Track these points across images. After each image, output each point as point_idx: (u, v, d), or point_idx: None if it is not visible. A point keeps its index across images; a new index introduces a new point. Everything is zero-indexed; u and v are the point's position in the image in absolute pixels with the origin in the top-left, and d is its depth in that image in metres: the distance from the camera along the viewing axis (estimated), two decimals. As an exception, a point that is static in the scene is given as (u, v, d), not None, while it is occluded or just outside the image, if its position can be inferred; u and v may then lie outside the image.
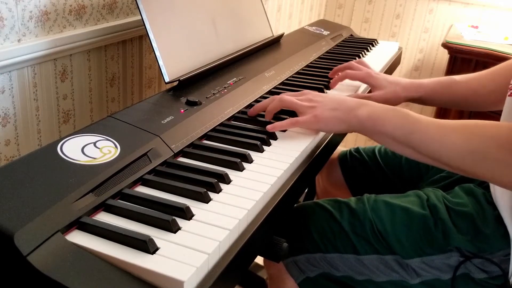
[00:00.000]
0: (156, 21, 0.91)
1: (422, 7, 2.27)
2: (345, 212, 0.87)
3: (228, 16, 1.14)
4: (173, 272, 0.48)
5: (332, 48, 1.42)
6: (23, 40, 0.88)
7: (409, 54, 2.35)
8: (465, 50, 1.83)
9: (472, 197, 0.85)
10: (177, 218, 0.57)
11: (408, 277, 0.82)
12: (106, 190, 0.60)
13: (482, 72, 1.02)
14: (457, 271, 0.79)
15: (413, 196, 0.88)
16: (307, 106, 0.82)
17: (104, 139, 0.69)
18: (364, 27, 2.43)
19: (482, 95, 1.00)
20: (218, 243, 0.53)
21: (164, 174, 0.67)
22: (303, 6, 2.21)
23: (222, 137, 0.79)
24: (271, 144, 0.79)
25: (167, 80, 0.90)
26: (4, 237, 0.49)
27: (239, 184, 0.67)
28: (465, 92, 1.02)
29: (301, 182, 0.75)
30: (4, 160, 0.91)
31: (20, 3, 0.86)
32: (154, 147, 0.70)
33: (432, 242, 0.81)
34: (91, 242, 0.52)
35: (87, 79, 1.05)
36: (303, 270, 0.88)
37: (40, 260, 0.48)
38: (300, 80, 1.11)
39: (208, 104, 0.86)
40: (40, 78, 0.94)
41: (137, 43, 1.18)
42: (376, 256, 0.83)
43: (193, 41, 1.00)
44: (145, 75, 1.24)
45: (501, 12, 2.13)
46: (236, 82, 0.98)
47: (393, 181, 1.11)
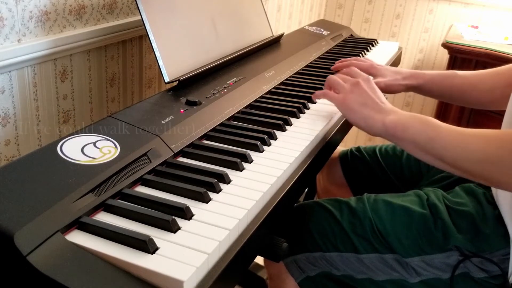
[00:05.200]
0: (156, 21, 0.91)
1: (422, 7, 2.27)
2: (345, 212, 0.87)
3: (228, 16, 1.14)
4: (173, 272, 0.48)
5: (332, 48, 1.42)
6: (23, 40, 0.88)
7: (409, 54, 2.35)
8: (465, 50, 1.83)
9: (472, 197, 0.85)
10: (177, 218, 0.57)
11: (408, 276, 0.82)
12: (106, 190, 0.60)
13: (485, 70, 1.03)
14: (456, 269, 0.79)
15: (413, 196, 0.88)
16: (346, 87, 0.85)
17: (104, 139, 0.69)
18: (364, 27, 2.43)
19: (481, 91, 1.01)
20: (218, 243, 0.53)
21: (164, 174, 0.67)
22: (303, 6, 2.21)
23: (222, 137, 0.79)
24: (271, 144, 0.79)
25: (167, 80, 0.90)
26: (4, 237, 0.49)
27: (239, 184, 0.67)
28: (464, 85, 1.03)
29: (301, 182, 0.75)
30: (4, 160, 0.91)
31: (20, 3, 0.86)
32: (154, 147, 0.70)
33: (432, 242, 0.81)
34: (91, 242, 0.52)
35: (87, 79, 1.05)
36: (303, 270, 0.88)
37: (40, 260, 0.48)
38: (300, 80, 1.11)
39: (208, 104, 0.86)
40: (40, 78, 0.94)
41: (137, 43, 1.18)
42: (376, 255, 0.83)
43: (193, 41, 1.00)
44: (145, 75, 1.24)
45: (501, 12, 2.13)
46: (236, 82, 0.98)
47: (393, 181, 1.11)
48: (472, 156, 0.69)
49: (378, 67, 1.10)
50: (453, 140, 0.71)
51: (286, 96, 1.01)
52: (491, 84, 0.99)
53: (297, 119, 0.90)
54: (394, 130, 0.77)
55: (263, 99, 0.98)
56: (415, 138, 0.75)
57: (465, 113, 1.92)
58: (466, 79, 1.03)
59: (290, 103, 0.95)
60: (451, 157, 0.71)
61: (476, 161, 0.68)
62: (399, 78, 1.06)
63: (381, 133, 0.80)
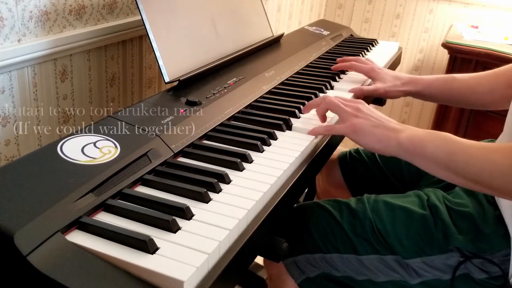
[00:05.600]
0: (156, 21, 0.90)
1: (422, 7, 2.27)
2: (345, 212, 0.87)
3: (228, 16, 1.14)
4: (173, 272, 0.48)
5: (332, 48, 1.42)
6: (23, 40, 0.88)
7: (409, 54, 2.35)
8: (465, 50, 1.83)
9: (472, 198, 0.85)
10: (177, 218, 0.57)
11: (409, 277, 0.82)
12: (106, 190, 0.60)
13: (484, 72, 1.03)
14: (456, 271, 0.79)
15: (413, 196, 0.88)
16: (350, 113, 0.80)
17: (104, 139, 0.69)
18: (364, 27, 2.43)
19: (481, 93, 1.01)
20: (218, 243, 0.53)
21: (164, 174, 0.67)
22: (303, 6, 2.21)
23: (222, 137, 0.79)
24: (271, 144, 0.79)
25: (167, 80, 0.90)
26: (4, 237, 0.49)
27: (239, 184, 0.67)
28: (463, 89, 1.03)
29: (301, 182, 0.75)
30: (4, 160, 0.91)
31: (20, 3, 0.86)
32: (154, 147, 0.70)
33: (432, 242, 0.81)
34: (91, 242, 0.52)
35: (87, 79, 1.05)
36: (303, 271, 0.88)
37: (40, 260, 0.48)
38: (300, 80, 1.11)
39: (208, 104, 0.86)
40: (40, 78, 0.94)
41: (137, 43, 1.18)
42: (376, 256, 0.83)
43: (193, 41, 1.00)
44: (145, 75, 1.24)
45: (501, 12, 2.13)
46: (236, 82, 0.98)
47: (393, 182, 1.11)
48: (495, 170, 0.67)
49: (378, 70, 1.10)
50: (476, 154, 0.69)
51: (286, 96, 1.01)
52: (491, 86, 0.99)
53: (297, 119, 0.90)
54: (412, 147, 0.74)
55: (263, 99, 0.98)
56: (434, 154, 0.72)
57: (465, 113, 1.92)
58: (465, 83, 1.03)
59: (290, 103, 0.95)
60: (474, 172, 0.69)
61: (499, 175, 0.67)
62: (398, 84, 1.07)
63: (397, 151, 0.76)
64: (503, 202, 0.80)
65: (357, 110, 0.81)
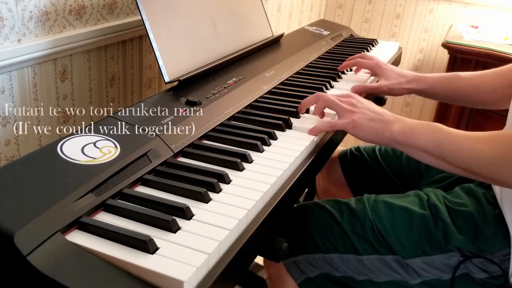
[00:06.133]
0: (156, 21, 0.90)
1: (422, 7, 2.27)
2: (345, 213, 0.87)
3: (228, 16, 1.13)
4: (173, 272, 0.48)
5: (332, 48, 1.42)
6: (23, 40, 0.88)
7: (409, 54, 2.35)
8: (465, 50, 1.83)
9: (472, 197, 0.85)
10: (177, 218, 0.57)
11: (409, 277, 0.82)
12: (106, 190, 0.60)
13: (487, 70, 1.03)
14: (456, 270, 0.79)
15: (413, 196, 0.88)
16: (348, 109, 0.84)
17: (104, 139, 0.69)
18: (364, 27, 2.43)
19: (484, 92, 1.01)
20: (218, 243, 0.53)
21: (164, 174, 0.67)
22: (303, 6, 2.21)
23: (222, 137, 0.79)
24: (271, 144, 0.79)
25: (167, 80, 0.90)
26: (4, 237, 0.49)
27: (239, 184, 0.67)
28: (467, 88, 1.03)
29: (301, 182, 0.75)
30: (4, 160, 0.91)
31: (20, 3, 0.86)
32: (154, 147, 0.70)
33: (432, 242, 0.81)
34: (91, 242, 0.52)
35: (87, 79, 1.05)
36: (303, 271, 0.88)
37: (40, 260, 0.48)
38: (300, 80, 1.11)
39: (208, 104, 0.86)
40: (40, 78, 0.94)
41: (137, 43, 1.18)
42: (376, 256, 0.83)
43: (193, 41, 1.00)
44: (145, 75, 1.24)
45: (501, 12, 2.13)
46: (236, 82, 0.98)
47: (393, 181, 1.11)
48: (480, 160, 0.70)
49: (384, 66, 1.11)
50: (462, 144, 0.72)
51: (286, 96, 1.01)
52: (494, 85, 0.99)
53: (297, 119, 0.90)
54: (403, 137, 0.78)
55: (263, 99, 0.98)
56: (424, 144, 0.76)
57: (465, 113, 1.92)
58: (469, 81, 1.04)
59: (290, 103, 0.95)
60: (462, 161, 0.72)
61: (484, 164, 0.70)
62: (403, 81, 1.07)
63: (390, 142, 0.80)
64: (504, 202, 0.80)
65: (353, 105, 0.85)
